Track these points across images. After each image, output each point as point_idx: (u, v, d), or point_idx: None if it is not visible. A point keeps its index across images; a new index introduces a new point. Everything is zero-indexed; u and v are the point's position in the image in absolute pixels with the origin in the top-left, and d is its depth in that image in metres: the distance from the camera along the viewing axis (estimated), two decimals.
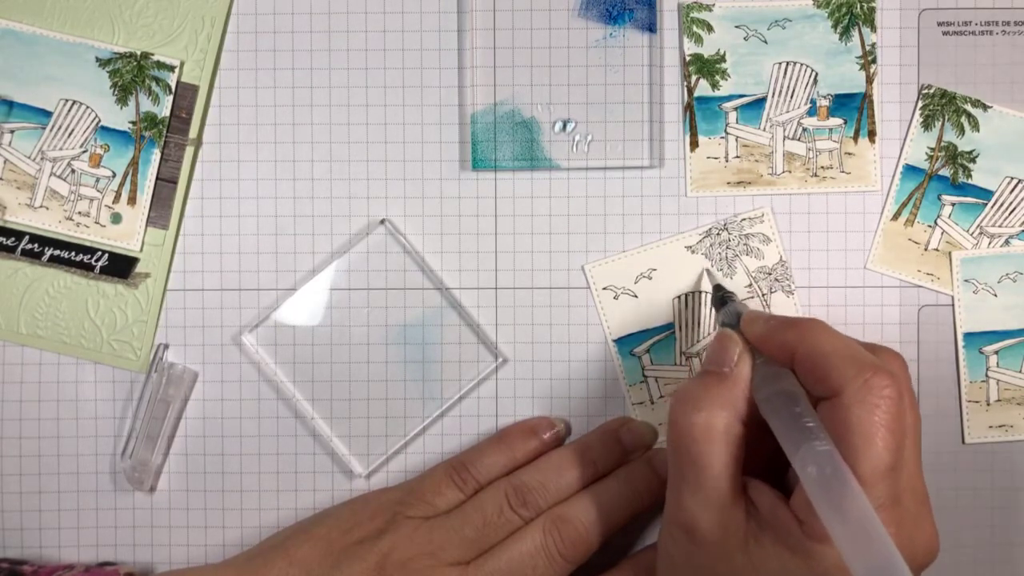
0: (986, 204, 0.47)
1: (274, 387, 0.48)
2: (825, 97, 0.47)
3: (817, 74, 0.47)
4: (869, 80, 0.47)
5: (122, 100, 0.47)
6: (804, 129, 0.47)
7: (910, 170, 0.47)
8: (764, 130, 0.47)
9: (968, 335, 0.47)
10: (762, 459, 0.38)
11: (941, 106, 0.47)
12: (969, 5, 0.47)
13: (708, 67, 0.47)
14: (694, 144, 0.47)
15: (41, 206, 0.48)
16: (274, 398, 0.48)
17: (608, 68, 0.47)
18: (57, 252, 0.47)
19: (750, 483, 0.38)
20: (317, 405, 0.48)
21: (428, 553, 0.43)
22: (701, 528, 0.37)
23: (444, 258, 0.48)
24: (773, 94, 0.47)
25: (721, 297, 0.45)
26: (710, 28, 0.47)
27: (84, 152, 0.47)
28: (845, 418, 0.34)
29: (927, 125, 0.47)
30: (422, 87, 0.47)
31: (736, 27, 0.47)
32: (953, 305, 0.47)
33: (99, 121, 0.47)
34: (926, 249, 0.47)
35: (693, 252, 0.47)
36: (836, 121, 0.47)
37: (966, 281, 0.47)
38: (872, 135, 0.47)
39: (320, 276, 0.47)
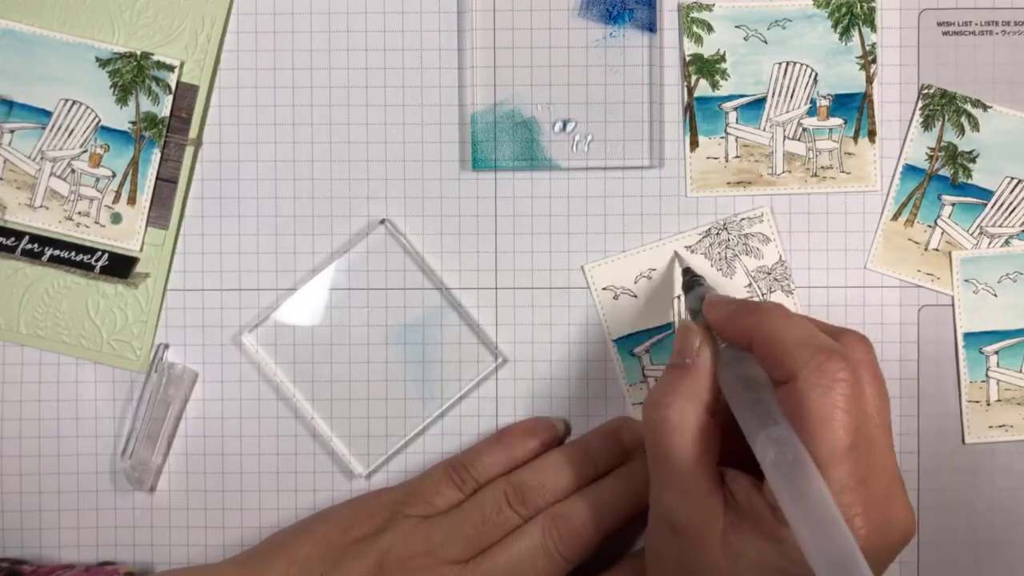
0: (986, 204, 0.47)
1: (274, 387, 0.48)
2: (825, 97, 0.47)
3: (817, 74, 0.47)
4: (869, 80, 0.47)
5: (122, 100, 0.47)
6: (804, 129, 0.47)
7: (910, 170, 0.47)
8: (764, 130, 0.47)
9: (968, 335, 0.47)
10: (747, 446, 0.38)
11: (941, 106, 0.47)
12: (969, 5, 0.47)
13: (708, 67, 0.47)
14: (694, 144, 0.47)
15: (41, 206, 0.48)
16: (274, 398, 0.48)
17: (608, 68, 0.47)
18: (57, 252, 0.48)
19: (728, 473, 0.38)
20: (317, 405, 0.48)
21: (427, 552, 0.43)
22: (680, 520, 0.37)
23: (444, 258, 0.48)
24: (773, 94, 0.47)
25: (689, 282, 0.45)
26: (710, 28, 0.47)
27: (84, 152, 0.47)
28: (801, 402, 0.35)
29: (927, 125, 0.47)
30: (422, 87, 0.47)
31: (736, 27, 0.47)
32: (953, 305, 0.47)
33: (99, 121, 0.47)
34: (926, 249, 0.47)
35: (693, 252, 0.47)
36: (836, 121, 0.47)
37: (966, 281, 0.47)
38: (872, 135, 0.47)
39: (320, 276, 0.47)
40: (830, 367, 0.35)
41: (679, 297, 0.47)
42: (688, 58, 0.47)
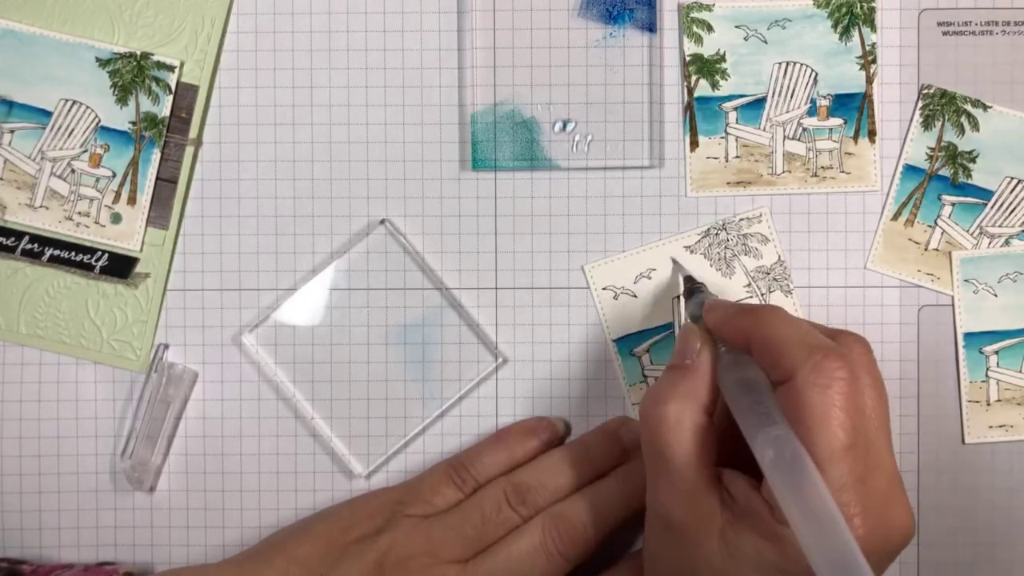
0: (986, 204, 0.47)
1: (274, 387, 0.48)
2: (825, 97, 0.47)
3: (817, 74, 0.47)
4: (869, 80, 0.47)
5: (122, 100, 0.47)
6: (804, 129, 0.47)
7: (910, 170, 0.47)
8: (764, 130, 0.47)
9: (968, 335, 0.47)
10: (747, 448, 0.39)
11: (941, 106, 0.47)
12: (969, 5, 0.47)
13: (708, 67, 0.47)
14: (694, 144, 0.47)
15: (41, 206, 0.48)
16: (274, 398, 0.48)
17: (608, 68, 0.47)
18: (57, 252, 0.48)
19: (725, 473, 0.38)
20: (317, 405, 0.48)
21: (427, 551, 0.43)
22: (676, 518, 0.38)
23: (444, 258, 0.48)
24: (773, 94, 0.47)
25: (690, 289, 0.45)
26: (710, 28, 0.47)
27: (84, 152, 0.48)
28: (799, 401, 0.35)
29: (927, 125, 0.47)
30: (422, 87, 0.47)
31: (736, 27, 0.47)
32: (953, 305, 0.47)
33: (99, 121, 0.47)
34: (926, 249, 0.47)
35: (692, 252, 0.47)
36: (836, 121, 0.47)
37: (966, 281, 0.47)
38: (872, 135, 0.47)
39: (320, 276, 0.47)
40: (827, 366, 0.35)
41: (678, 298, 0.47)
42: (688, 58, 0.47)
